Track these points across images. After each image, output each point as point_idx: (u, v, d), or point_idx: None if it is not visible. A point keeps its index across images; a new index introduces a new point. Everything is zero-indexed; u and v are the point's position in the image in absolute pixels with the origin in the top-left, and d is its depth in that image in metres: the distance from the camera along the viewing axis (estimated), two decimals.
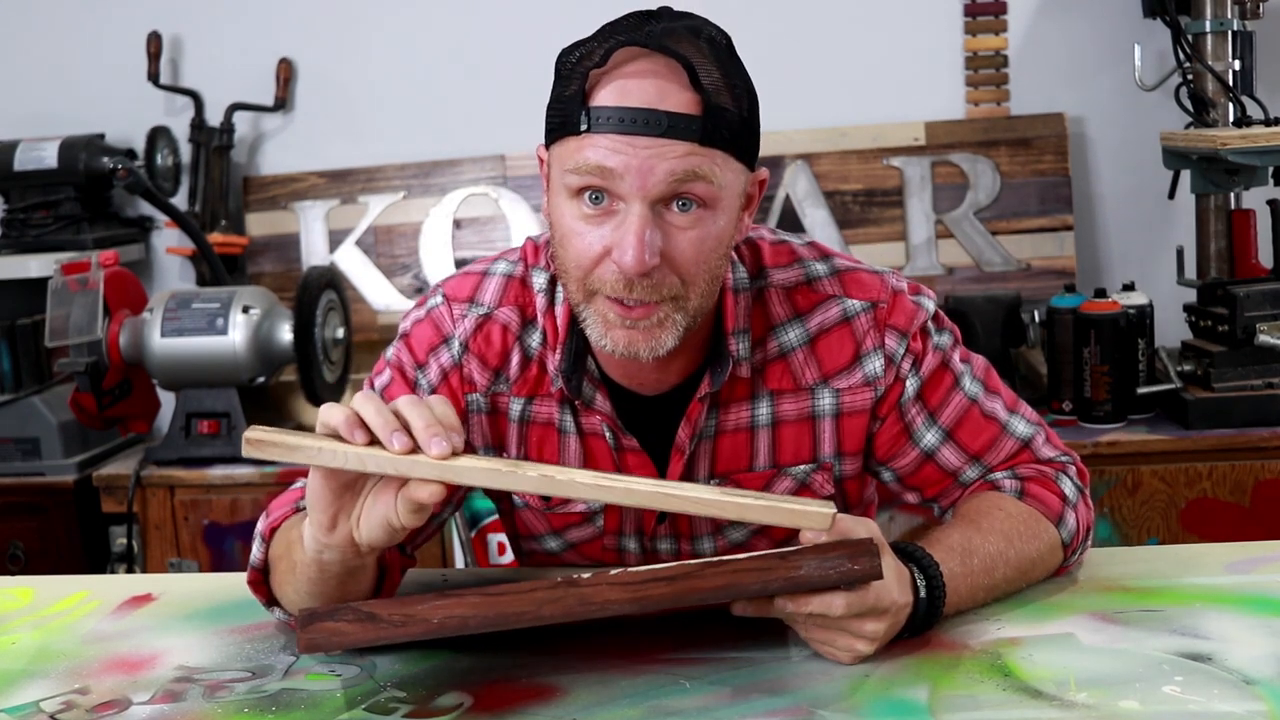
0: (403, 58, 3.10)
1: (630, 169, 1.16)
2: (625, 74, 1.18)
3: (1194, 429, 2.41)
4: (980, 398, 1.39)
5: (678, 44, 1.18)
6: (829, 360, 1.36)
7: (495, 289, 1.39)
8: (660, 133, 1.16)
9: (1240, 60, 2.65)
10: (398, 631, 1.08)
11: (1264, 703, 1.04)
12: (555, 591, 1.08)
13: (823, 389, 1.36)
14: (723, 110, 1.19)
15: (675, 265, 1.20)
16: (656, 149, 1.16)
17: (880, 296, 1.36)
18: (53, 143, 2.92)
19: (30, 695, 1.20)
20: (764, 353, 1.36)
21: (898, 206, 2.92)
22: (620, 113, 1.17)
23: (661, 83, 1.17)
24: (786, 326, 1.36)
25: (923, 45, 2.97)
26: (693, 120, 1.17)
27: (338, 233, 3.08)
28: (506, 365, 1.38)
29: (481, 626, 1.08)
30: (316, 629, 1.09)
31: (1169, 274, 2.70)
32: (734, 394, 1.36)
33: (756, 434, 1.37)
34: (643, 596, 1.08)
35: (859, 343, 1.35)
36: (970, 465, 1.39)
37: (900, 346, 1.36)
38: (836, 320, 1.36)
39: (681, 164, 1.17)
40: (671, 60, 1.17)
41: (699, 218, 1.20)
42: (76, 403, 2.60)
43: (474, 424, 1.40)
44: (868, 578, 1.11)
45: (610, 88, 1.18)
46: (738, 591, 1.11)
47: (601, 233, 1.20)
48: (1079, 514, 1.36)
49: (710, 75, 1.18)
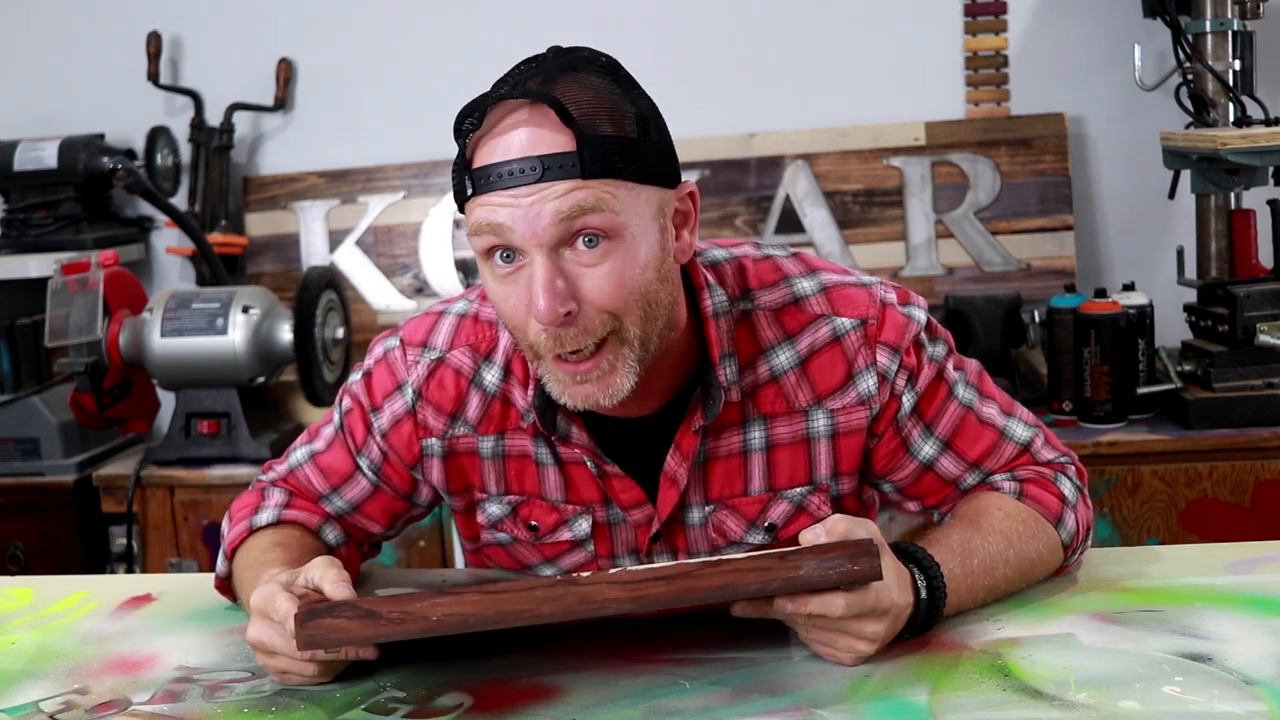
0: (403, 58, 3.09)
1: (517, 220, 1.16)
2: (499, 130, 1.18)
3: (1194, 429, 2.41)
4: (975, 404, 1.38)
5: (549, 86, 1.18)
6: (821, 381, 1.34)
7: (448, 331, 1.39)
8: (538, 179, 1.16)
9: (1240, 60, 2.64)
10: (396, 629, 1.07)
11: (1264, 703, 1.04)
12: (554, 590, 1.08)
13: (817, 410, 1.34)
14: (603, 139, 1.17)
15: (598, 303, 1.19)
16: (537, 194, 1.16)
17: (869, 313, 1.34)
18: (52, 143, 2.92)
19: (30, 695, 1.20)
20: (754, 376, 1.34)
21: (898, 206, 2.92)
22: (497, 169, 1.17)
23: (532, 129, 1.17)
24: (776, 349, 1.34)
25: (923, 45, 2.97)
26: (568, 157, 1.16)
27: (338, 233, 3.08)
28: (464, 408, 1.37)
29: (481, 625, 1.07)
30: (315, 625, 1.09)
31: (1169, 274, 2.70)
32: (725, 420, 1.34)
33: (750, 458, 1.36)
34: (641, 595, 1.08)
35: (851, 362, 1.33)
36: (970, 473, 1.38)
37: (893, 363, 1.34)
38: (827, 340, 1.34)
39: (566, 202, 1.16)
40: (538, 104, 1.17)
41: (607, 250, 1.18)
42: (76, 403, 2.60)
43: (430, 468, 1.40)
44: (868, 579, 1.11)
45: (487, 147, 1.18)
46: (736, 591, 1.10)
47: (517, 290, 1.20)
48: (1078, 514, 1.35)
49: (584, 107, 1.17)
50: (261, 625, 1.18)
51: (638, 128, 1.20)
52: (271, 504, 1.43)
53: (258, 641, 1.18)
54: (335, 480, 1.43)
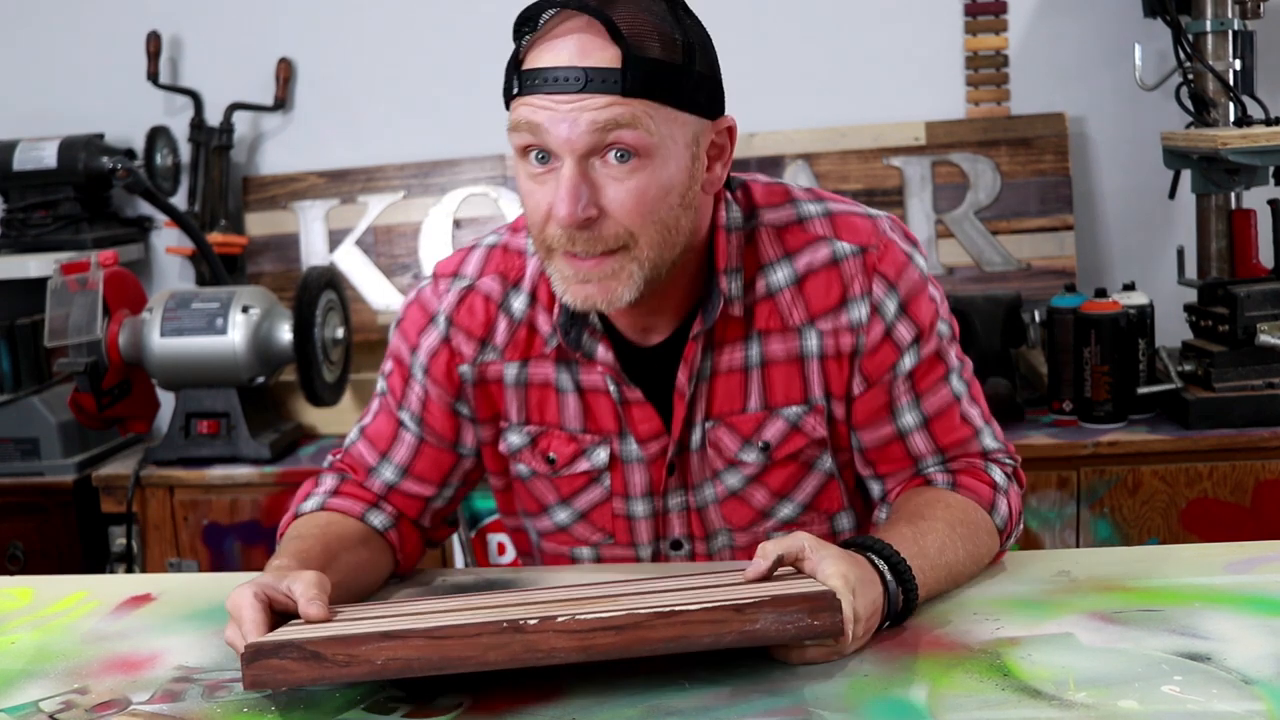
0: (403, 58, 3.09)
1: (555, 124, 1.21)
2: (552, 36, 1.23)
3: (1194, 429, 2.41)
4: (964, 398, 1.42)
5: (607, 3, 1.22)
6: (815, 301, 1.37)
7: (478, 260, 1.44)
8: (580, 88, 1.21)
9: (1241, 60, 2.64)
10: (342, 672, 1.07)
11: (1263, 703, 1.04)
12: (501, 638, 1.06)
13: (809, 329, 1.37)
14: (649, 60, 1.21)
15: (617, 215, 1.23)
16: (577, 103, 1.21)
17: (871, 241, 1.37)
18: (52, 142, 2.92)
19: (29, 695, 1.20)
20: (754, 293, 1.37)
21: (898, 206, 2.92)
22: (544, 73, 1.22)
23: (583, 38, 1.21)
24: (775, 266, 1.37)
25: (923, 45, 2.97)
26: (611, 73, 1.20)
27: (337, 232, 3.08)
28: (493, 333, 1.42)
29: (425, 670, 1.06)
30: (261, 666, 1.08)
31: (1169, 274, 2.70)
32: (727, 335, 1.38)
33: (749, 375, 1.39)
34: (590, 645, 1.06)
35: (846, 286, 1.36)
36: (933, 456, 1.42)
37: (888, 299, 1.36)
38: (825, 261, 1.37)
39: (603, 115, 1.20)
40: (593, 19, 1.21)
41: (635, 167, 1.23)
42: (76, 403, 2.60)
43: (468, 394, 1.44)
44: (828, 634, 1.09)
45: (538, 50, 1.24)
46: (689, 644, 1.07)
47: (545, 191, 1.24)
48: (1010, 500, 1.40)
49: (636, 28, 1.21)
50: (232, 629, 1.19)
51: (684, 55, 1.24)
52: (321, 490, 1.47)
53: (231, 644, 1.20)
54: (383, 446, 1.47)
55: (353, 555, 1.39)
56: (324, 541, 1.36)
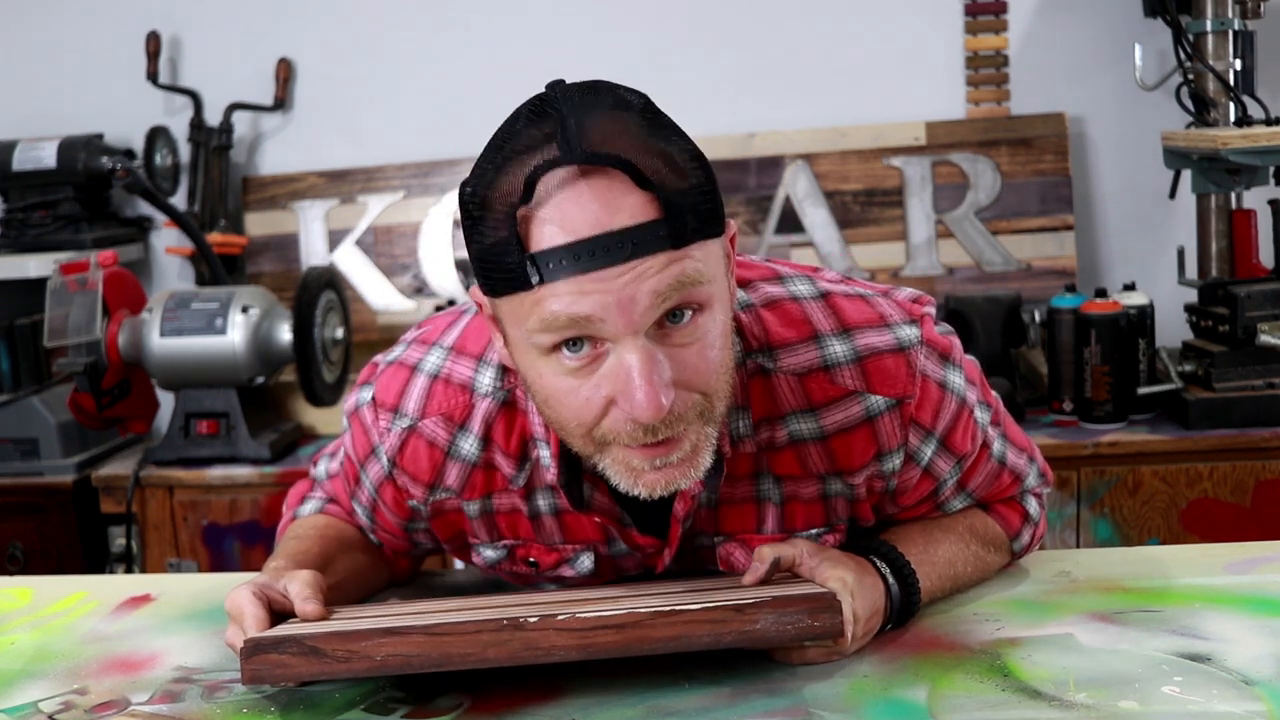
0: (403, 58, 3.09)
1: (609, 309, 0.99)
2: (561, 202, 0.99)
3: (1194, 429, 2.41)
4: (1007, 455, 1.33)
5: (602, 141, 0.99)
6: (844, 458, 1.21)
7: (419, 396, 1.25)
8: (627, 256, 0.98)
9: (1241, 60, 2.64)
10: (340, 667, 1.06)
11: (1263, 703, 1.04)
12: (501, 635, 1.05)
13: (834, 478, 1.23)
14: (682, 195, 1.00)
15: (691, 384, 1.04)
16: (630, 275, 0.99)
17: (908, 390, 1.19)
18: (52, 143, 2.92)
19: (29, 695, 1.19)
20: (770, 435, 1.20)
21: (898, 206, 2.92)
22: (573, 250, 0.98)
23: (606, 196, 0.99)
24: (798, 416, 1.20)
25: (923, 45, 2.97)
26: (657, 226, 0.99)
27: (337, 233, 3.08)
28: (442, 478, 1.26)
29: (425, 666, 1.06)
30: (260, 660, 1.08)
31: (1169, 274, 2.70)
32: (736, 468, 1.22)
33: (763, 506, 1.25)
34: (590, 644, 1.05)
35: (881, 444, 1.20)
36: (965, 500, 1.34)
37: (925, 445, 1.22)
38: (859, 420, 1.19)
39: (664, 279, 0.99)
40: (601, 167, 0.99)
41: (698, 324, 1.03)
42: (75, 403, 2.60)
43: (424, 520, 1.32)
44: (828, 635, 1.08)
45: (549, 225, 0.99)
46: (689, 643, 1.06)
47: (595, 383, 1.03)
48: (1036, 531, 1.38)
49: (653, 161, 1.00)
50: (233, 629, 1.19)
51: (698, 167, 1.03)
52: (318, 495, 1.45)
53: (231, 645, 1.19)
54: (345, 504, 1.41)
55: (350, 559, 1.37)
56: (322, 543, 1.35)
